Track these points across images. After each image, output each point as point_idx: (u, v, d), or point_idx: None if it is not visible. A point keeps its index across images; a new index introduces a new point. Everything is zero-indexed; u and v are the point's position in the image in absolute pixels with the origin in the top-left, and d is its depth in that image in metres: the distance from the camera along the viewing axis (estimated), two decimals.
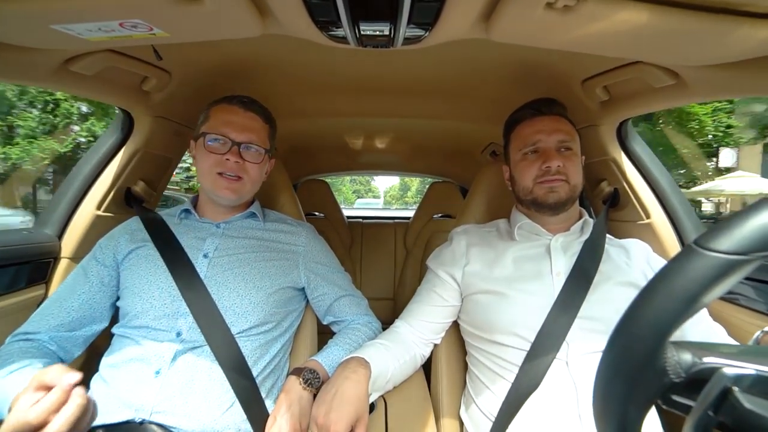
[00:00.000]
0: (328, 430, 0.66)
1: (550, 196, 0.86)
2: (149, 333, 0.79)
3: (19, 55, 0.69)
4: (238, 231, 0.94)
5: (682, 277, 0.29)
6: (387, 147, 1.94)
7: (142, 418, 0.72)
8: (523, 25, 0.58)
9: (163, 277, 0.83)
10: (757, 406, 0.26)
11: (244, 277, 0.86)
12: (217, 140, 0.88)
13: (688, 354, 0.30)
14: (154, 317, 0.80)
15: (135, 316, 0.81)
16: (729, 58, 0.65)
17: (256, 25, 0.61)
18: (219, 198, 0.91)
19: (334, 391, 0.71)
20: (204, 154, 0.88)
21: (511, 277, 0.85)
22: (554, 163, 0.84)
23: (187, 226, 0.94)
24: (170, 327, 0.79)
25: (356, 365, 0.76)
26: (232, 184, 0.89)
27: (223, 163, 0.87)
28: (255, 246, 0.92)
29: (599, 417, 0.33)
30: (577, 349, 0.75)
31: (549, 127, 0.88)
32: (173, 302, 0.81)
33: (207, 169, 0.88)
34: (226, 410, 0.76)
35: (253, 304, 0.84)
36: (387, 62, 0.97)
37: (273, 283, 0.89)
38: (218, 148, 0.87)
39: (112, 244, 0.90)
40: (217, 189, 0.88)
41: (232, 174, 0.88)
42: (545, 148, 0.87)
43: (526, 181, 0.89)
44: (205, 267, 0.86)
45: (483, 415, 0.80)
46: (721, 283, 0.28)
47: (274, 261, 0.92)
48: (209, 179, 0.88)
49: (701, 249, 0.29)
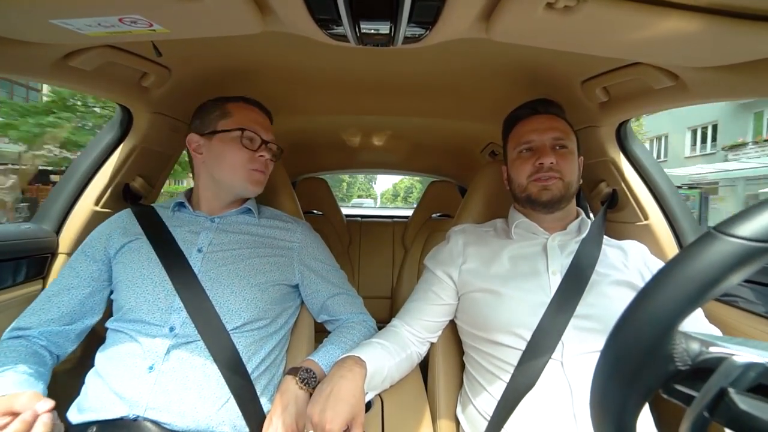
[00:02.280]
0: (323, 428, 0.66)
1: (543, 194, 0.87)
2: (143, 327, 0.79)
3: (17, 49, 0.69)
4: (232, 226, 0.94)
5: (701, 262, 0.29)
6: (386, 145, 1.94)
7: (136, 415, 0.71)
8: (523, 25, 0.58)
9: (156, 271, 0.83)
10: (752, 408, 0.26)
11: (238, 273, 0.86)
12: (252, 139, 0.91)
13: (695, 343, 0.30)
14: (147, 311, 0.80)
15: (129, 310, 0.81)
16: (729, 60, 0.65)
17: (256, 22, 0.61)
18: (248, 192, 0.95)
19: (329, 390, 0.70)
20: (235, 150, 0.90)
21: (507, 276, 0.85)
22: (547, 160, 0.85)
23: (181, 219, 0.94)
24: (164, 321, 0.79)
25: (352, 364, 0.76)
26: (262, 177, 0.95)
27: (256, 160, 0.93)
28: (249, 242, 0.93)
29: (598, 402, 0.33)
30: (572, 349, 0.75)
31: (544, 125, 0.89)
32: (167, 296, 0.81)
33: (239, 163, 0.91)
34: (221, 407, 0.76)
35: (246, 300, 0.84)
36: (387, 60, 0.97)
37: (267, 280, 0.89)
38: (251, 145, 0.92)
39: (103, 239, 0.90)
40: (250, 183, 0.93)
41: (262, 169, 0.94)
42: (539, 146, 0.88)
43: (520, 179, 0.90)
44: (199, 262, 0.86)
45: (479, 414, 0.81)
46: (740, 269, 0.28)
47: (269, 257, 0.92)
48: (241, 173, 0.92)
49: (722, 234, 0.29)
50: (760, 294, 0.83)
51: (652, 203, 1.06)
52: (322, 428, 0.66)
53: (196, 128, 0.94)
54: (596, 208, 1.21)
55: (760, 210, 0.28)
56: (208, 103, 0.96)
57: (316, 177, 2.23)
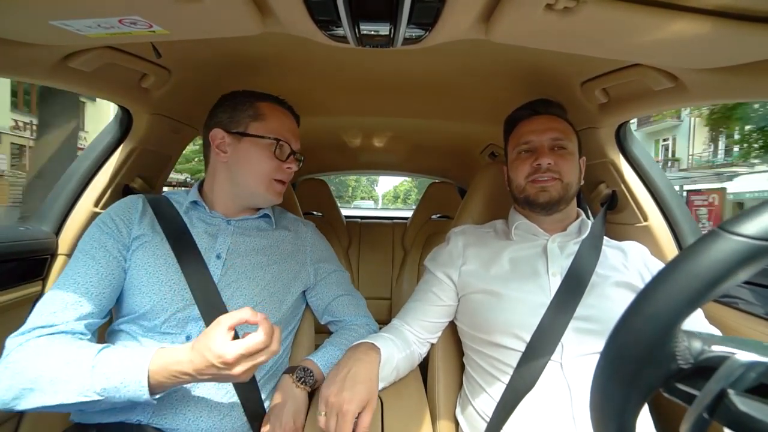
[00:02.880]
0: (340, 408, 0.65)
1: (541, 195, 0.86)
2: (155, 336, 0.76)
3: (17, 50, 0.69)
4: (248, 231, 0.91)
5: (706, 259, 0.29)
6: (385, 146, 1.94)
7: (139, 420, 0.70)
8: (522, 27, 0.58)
9: (175, 278, 0.78)
10: (751, 409, 0.26)
11: (258, 283, 0.84)
12: (282, 147, 0.88)
13: (698, 341, 0.30)
14: (164, 320, 0.76)
15: (143, 315, 0.76)
16: (728, 62, 0.65)
17: (255, 23, 0.61)
18: (267, 202, 0.91)
19: (346, 371, 0.70)
20: (264, 158, 0.86)
21: (507, 277, 0.85)
22: (545, 160, 0.84)
23: (196, 217, 0.88)
24: (180, 331, 0.77)
25: (367, 348, 0.77)
26: (282, 189, 0.91)
27: (282, 170, 0.89)
28: (266, 248, 0.90)
29: (598, 400, 0.33)
30: (572, 351, 0.75)
31: (543, 126, 0.89)
32: (186, 307, 0.77)
33: (264, 172, 0.87)
34: (227, 414, 0.75)
35: (266, 312, 0.81)
36: (386, 61, 0.97)
37: (284, 288, 0.88)
38: (281, 155, 0.88)
39: (126, 219, 0.81)
40: (270, 194, 0.89)
41: (286, 179, 0.90)
42: (537, 146, 0.88)
43: (519, 179, 0.90)
44: (219, 270, 0.82)
45: (478, 415, 0.81)
46: (745, 267, 0.28)
47: (285, 263, 0.90)
48: (264, 182, 0.88)
49: (727, 233, 0.29)
50: (759, 296, 0.83)
51: (651, 205, 1.06)
52: (339, 408, 0.65)
53: (223, 123, 0.87)
54: (596, 209, 1.21)
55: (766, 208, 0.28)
56: (238, 97, 0.89)
57: (315, 178, 2.23)
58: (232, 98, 0.90)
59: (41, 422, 0.92)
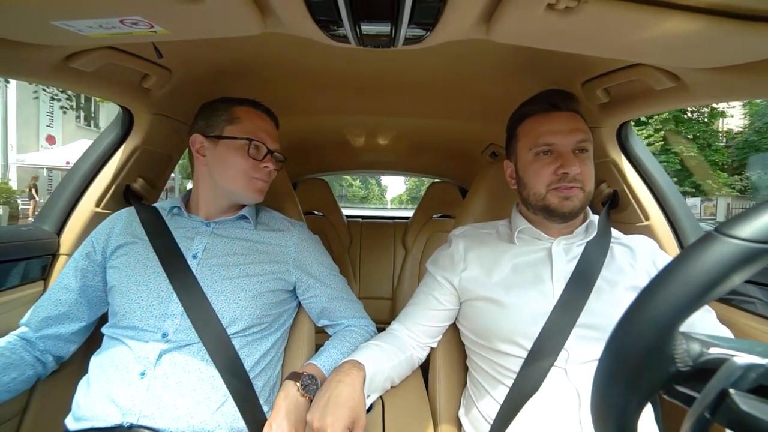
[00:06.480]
0: None
1: (565, 205, 0.78)
2: (135, 334, 0.79)
3: (19, 51, 0.69)
4: (227, 231, 0.93)
5: (702, 263, 0.29)
6: (387, 146, 1.94)
7: (130, 423, 0.71)
8: (523, 26, 0.58)
9: (153, 277, 0.83)
10: (753, 409, 0.26)
11: (233, 281, 0.85)
12: (258, 147, 0.91)
13: (696, 344, 0.30)
14: (140, 318, 0.79)
15: (123, 316, 0.81)
16: (730, 61, 0.65)
17: (256, 23, 0.61)
18: (247, 199, 0.94)
19: (327, 395, 0.70)
20: (240, 158, 0.90)
21: (509, 284, 0.82)
22: (573, 170, 0.76)
23: (177, 222, 0.94)
24: (156, 328, 0.79)
25: (349, 368, 0.76)
26: (263, 186, 0.94)
27: (259, 169, 0.92)
28: (244, 248, 0.91)
29: (599, 402, 0.33)
30: (577, 357, 0.73)
31: (567, 126, 0.79)
32: (161, 303, 0.81)
33: (241, 171, 0.90)
34: (217, 409, 0.75)
35: (241, 308, 0.83)
36: (388, 61, 0.97)
37: (262, 287, 0.88)
38: (257, 155, 0.91)
39: (103, 237, 0.90)
40: (250, 192, 0.92)
41: (265, 178, 0.94)
42: (563, 151, 0.78)
43: (538, 187, 0.81)
44: (195, 268, 0.85)
45: (482, 417, 0.80)
46: (741, 270, 0.28)
47: (264, 264, 0.91)
48: (242, 181, 0.91)
49: (722, 236, 0.29)
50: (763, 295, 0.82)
51: (653, 204, 1.06)
52: None
53: (201, 129, 0.92)
54: (597, 209, 1.21)
55: (761, 211, 0.28)
56: (214, 103, 0.93)
57: (316, 178, 2.24)
58: (210, 105, 0.94)
59: (41, 423, 0.92)
